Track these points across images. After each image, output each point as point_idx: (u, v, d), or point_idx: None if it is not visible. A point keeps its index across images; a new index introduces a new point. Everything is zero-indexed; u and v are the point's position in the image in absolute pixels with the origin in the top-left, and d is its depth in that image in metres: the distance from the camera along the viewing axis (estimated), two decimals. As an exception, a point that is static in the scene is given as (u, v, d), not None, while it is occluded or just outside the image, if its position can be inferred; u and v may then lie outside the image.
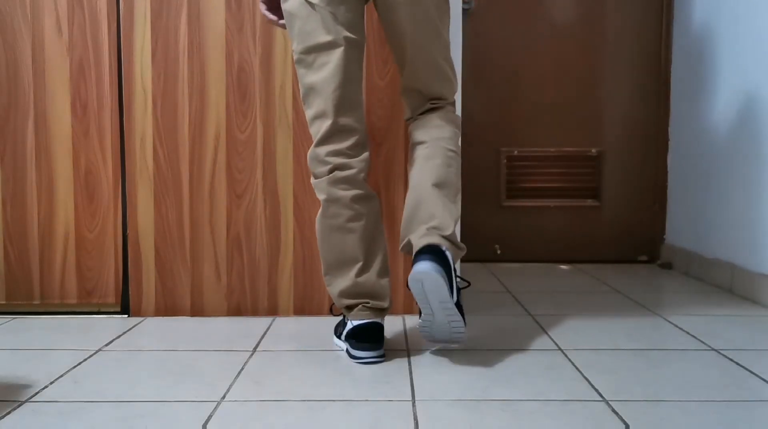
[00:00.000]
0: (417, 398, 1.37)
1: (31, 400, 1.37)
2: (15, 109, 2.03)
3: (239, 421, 1.26)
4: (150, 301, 2.05)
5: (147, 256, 2.04)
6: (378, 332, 1.62)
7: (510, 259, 3.12)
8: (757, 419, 1.27)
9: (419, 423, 1.25)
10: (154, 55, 2.01)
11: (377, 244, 1.65)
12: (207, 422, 1.25)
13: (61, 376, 1.51)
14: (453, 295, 1.48)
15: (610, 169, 3.10)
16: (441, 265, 1.46)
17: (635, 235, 3.11)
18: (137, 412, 1.30)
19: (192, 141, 2.02)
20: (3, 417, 1.28)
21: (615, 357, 1.65)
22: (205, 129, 2.02)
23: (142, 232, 2.04)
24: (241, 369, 1.56)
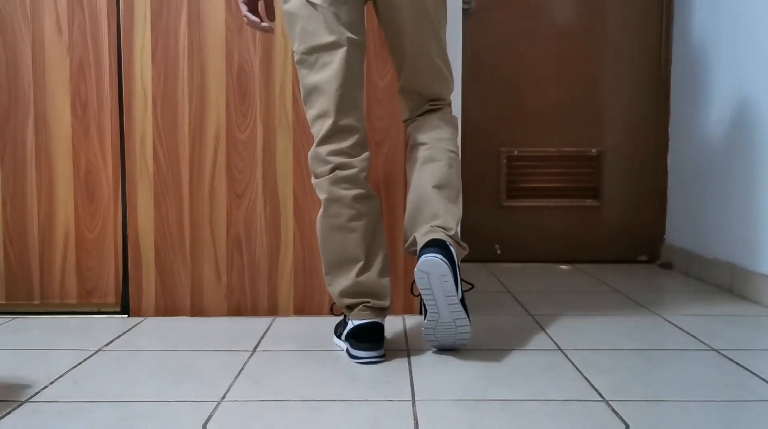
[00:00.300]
0: (417, 398, 1.37)
1: (31, 400, 1.37)
2: (15, 109, 2.03)
3: (239, 421, 1.26)
4: (150, 301, 2.05)
5: (147, 256, 2.04)
6: (378, 332, 1.62)
7: (510, 259, 3.12)
8: (757, 419, 1.27)
9: (419, 423, 1.25)
10: (154, 55, 2.01)
11: (378, 244, 1.65)
12: (207, 422, 1.25)
13: (61, 376, 1.51)
14: (458, 291, 1.49)
15: (610, 169, 3.10)
16: (447, 259, 1.47)
17: (635, 235, 3.11)
18: (137, 412, 1.30)
19: (192, 141, 2.02)
20: (3, 417, 1.28)
21: (615, 357, 1.65)
22: (205, 129, 2.02)
23: (142, 232, 2.04)
24: (241, 369, 1.56)
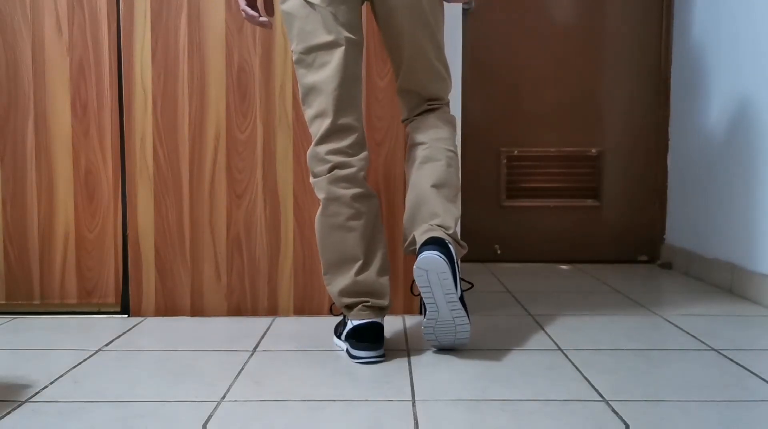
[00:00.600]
0: (417, 398, 1.37)
1: (31, 400, 1.37)
2: (15, 109, 2.03)
3: (239, 421, 1.26)
4: (150, 301, 2.05)
5: (147, 256, 2.04)
6: (378, 332, 1.62)
7: (510, 259, 3.12)
8: (757, 419, 1.27)
9: (419, 423, 1.25)
10: (154, 55, 2.01)
11: (377, 243, 1.65)
12: (207, 422, 1.25)
13: (61, 376, 1.51)
14: (458, 289, 1.50)
15: (610, 169, 3.10)
16: (446, 256, 1.47)
17: (635, 235, 3.11)
18: (137, 412, 1.30)
19: (192, 141, 2.02)
20: (3, 417, 1.28)
21: (615, 357, 1.65)
22: (205, 129, 2.02)
23: (142, 232, 2.04)
24: (241, 369, 1.56)
